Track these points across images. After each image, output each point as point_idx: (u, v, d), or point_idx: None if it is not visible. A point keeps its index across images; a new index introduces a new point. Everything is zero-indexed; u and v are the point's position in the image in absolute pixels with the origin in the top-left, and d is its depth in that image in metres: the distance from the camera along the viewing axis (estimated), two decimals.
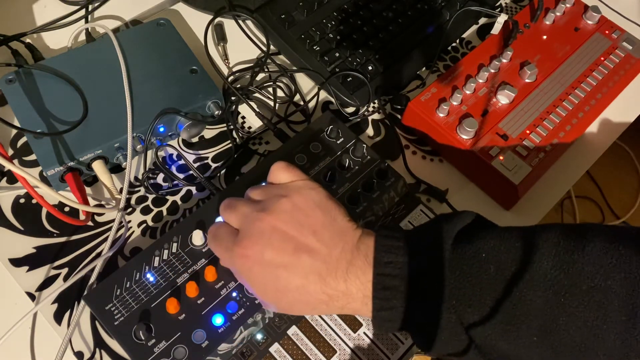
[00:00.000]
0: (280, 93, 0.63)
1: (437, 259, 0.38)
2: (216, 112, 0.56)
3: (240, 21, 0.66)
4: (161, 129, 0.55)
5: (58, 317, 0.48)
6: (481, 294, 0.37)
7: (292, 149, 0.55)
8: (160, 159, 0.56)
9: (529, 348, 0.36)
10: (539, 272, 0.36)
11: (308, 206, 0.41)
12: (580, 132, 0.60)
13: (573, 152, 0.62)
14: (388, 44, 0.65)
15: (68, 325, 0.47)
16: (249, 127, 0.61)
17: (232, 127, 0.59)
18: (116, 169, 0.56)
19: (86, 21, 0.64)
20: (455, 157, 0.60)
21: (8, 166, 0.45)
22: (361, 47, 0.64)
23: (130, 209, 0.54)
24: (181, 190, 0.56)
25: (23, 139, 0.56)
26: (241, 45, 0.65)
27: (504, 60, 0.64)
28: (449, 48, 0.70)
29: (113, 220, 0.51)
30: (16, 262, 0.50)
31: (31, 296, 0.49)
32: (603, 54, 0.66)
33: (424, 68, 0.68)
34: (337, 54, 0.63)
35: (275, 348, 0.46)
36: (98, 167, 0.52)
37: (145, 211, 0.54)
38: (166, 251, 0.48)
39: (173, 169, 0.56)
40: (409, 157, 0.61)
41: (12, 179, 0.54)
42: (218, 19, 0.66)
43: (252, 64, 0.64)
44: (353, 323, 0.48)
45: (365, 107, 0.62)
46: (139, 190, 0.55)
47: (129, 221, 0.53)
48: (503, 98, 0.60)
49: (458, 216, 0.40)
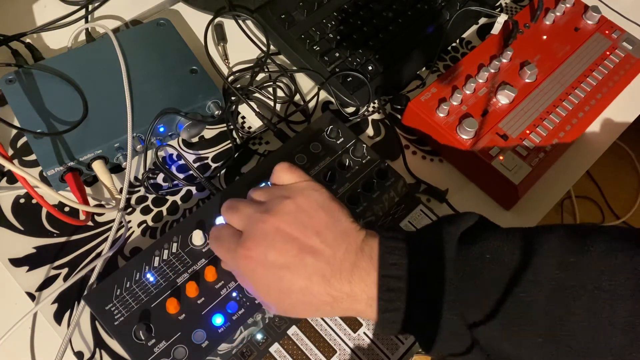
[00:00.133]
0: (280, 93, 0.63)
1: (441, 260, 0.38)
2: (216, 112, 0.56)
3: (240, 21, 0.66)
4: (161, 129, 0.55)
5: (58, 317, 0.48)
6: (486, 295, 0.37)
7: (292, 149, 0.55)
8: (160, 159, 0.56)
9: (533, 349, 0.36)
10: (544, 273, 0.36)
11: (311, 207, 0.41)
12: (580, 132, 0.60)
13: (573, 152, 0.62)
14: (388, 44, 0.65)
15: (68, 325, 0.47)
16: (249, 127, 0.61)
17: (232, 127, 0.59)
18: (116, 169, 0.56)
19: (86, 21, 0.64)
20: (455, 157, 0.60)
21: (8, 166, 0.45)
22: (361, 47, 0.64)
23: (130, 209, 0.54)
24: (181, 190, 0.56)
25: (23, 139, 0.56)
26: (241, 45, 0.65)
27: (504, 60, 0.64)
28: (449, 48, 0.70)
29: (113, 220, 0.51)
30: (16, 262, 0.50)
31: (31, 296, 0.49)
32: (603, 54, 0.66)
33: (424, 68, 0.68)
34: (337, 54, 0.63)
35: (275, 348, 0.46)
36: (98, 167, 0.52)
37: (145, 211, 0.54)
38: (166, 251, 0.48)
39: (173, 169, 0.56)
40: (409, 157, 0.61)
41: (12, 179, 0.54)
42: (218, 19, 0.66)
43: (252, 64, 0.64)
44: (353, 323, 0.48)
45: (365, 107, 0.62)
46: (139, 190, 0.55)
47: (129, 221, 0.53)
48: (503, 98, 0.60)
49: (461, 217, 0.40)
